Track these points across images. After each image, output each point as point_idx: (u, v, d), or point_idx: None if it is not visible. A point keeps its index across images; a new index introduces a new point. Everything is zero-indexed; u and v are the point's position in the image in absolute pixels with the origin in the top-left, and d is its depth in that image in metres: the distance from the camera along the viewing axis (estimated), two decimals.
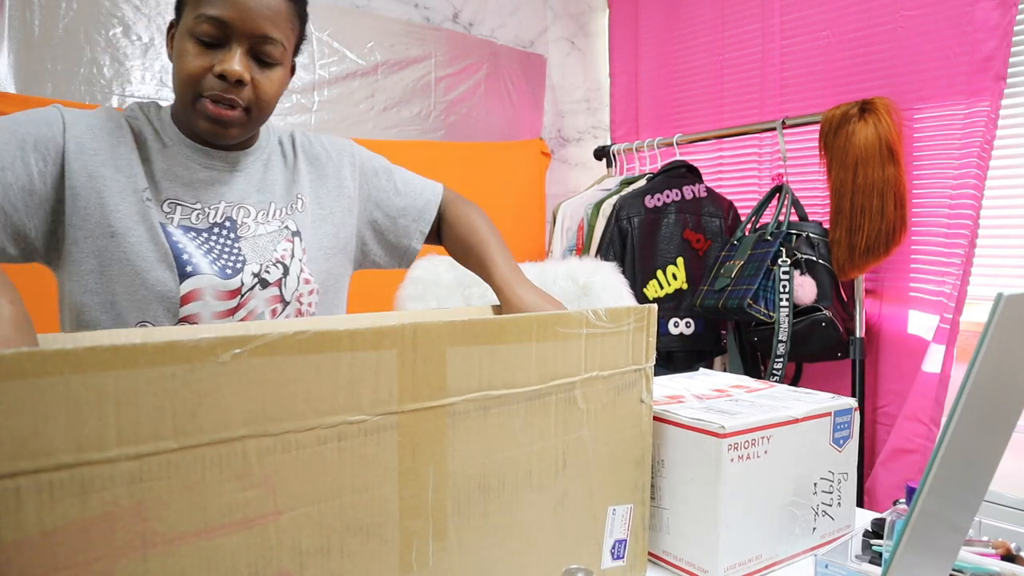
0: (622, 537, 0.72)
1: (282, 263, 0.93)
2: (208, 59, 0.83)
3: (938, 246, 1.75)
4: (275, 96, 0.89)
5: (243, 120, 0.87)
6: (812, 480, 0.80)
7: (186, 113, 0.87)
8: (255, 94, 0.86)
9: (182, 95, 0.86)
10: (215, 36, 0.82)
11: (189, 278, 0.85)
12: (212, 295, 0.87)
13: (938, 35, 1.74)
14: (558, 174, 2.64)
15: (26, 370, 0.37)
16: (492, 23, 2.40)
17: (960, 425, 0.45)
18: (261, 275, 0.91)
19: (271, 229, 0.94)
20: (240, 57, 0.83)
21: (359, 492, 0.51)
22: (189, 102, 0.85)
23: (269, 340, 0.45)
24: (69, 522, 0.39)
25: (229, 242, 0.91)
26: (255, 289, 0.91)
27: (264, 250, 0.93)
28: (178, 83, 0.86)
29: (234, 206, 0.93)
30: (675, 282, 2.08)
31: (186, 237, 0.87)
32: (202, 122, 0.86)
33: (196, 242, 0.88)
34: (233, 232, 0.92)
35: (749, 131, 2.12)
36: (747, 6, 2.22)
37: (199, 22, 0.82)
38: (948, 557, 0.57)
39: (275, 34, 0.85)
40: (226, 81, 0.83)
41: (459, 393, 0.56)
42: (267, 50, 0.85)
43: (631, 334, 0.70)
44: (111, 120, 0.88)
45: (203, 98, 0.84)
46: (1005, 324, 0.44)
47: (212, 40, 0.82)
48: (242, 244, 0.92)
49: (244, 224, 0.93)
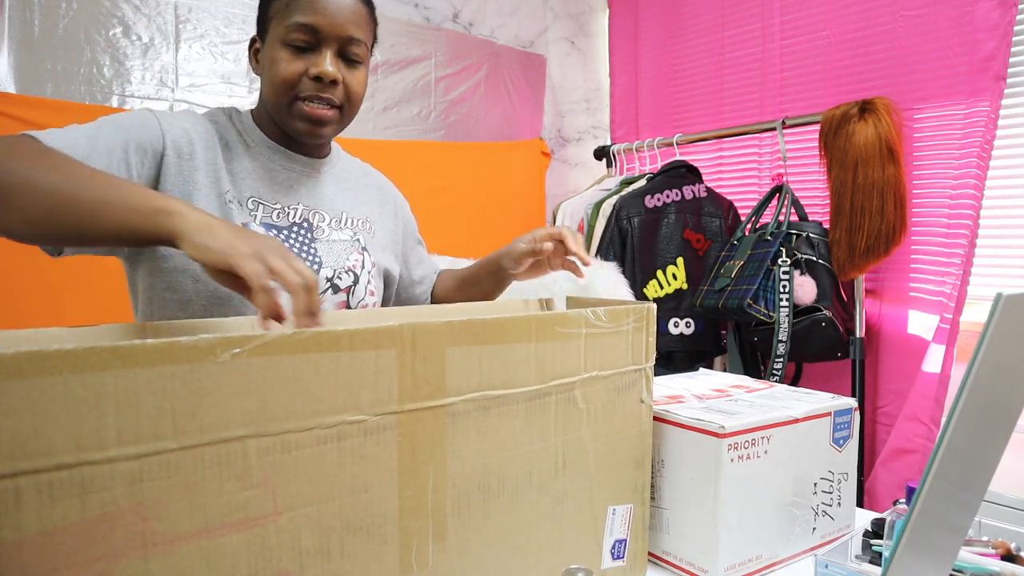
0: (622, 537, 0.72)
1: (353, 272, 0.97)
2: (302, 63, 0.88)
3: (938, 246, 1.74)
4: (362, 94, 0.95)
5: (337, 118, 0.93)
6: (812, 480, 0.80)
7: (280, 116, 0.91)
8: (346, 93, 0.92)
9: (277, 99, 0.90)
10: (307, 41, 0.88)
11: None
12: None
13: (938, 35, 1.74)
14: (558, 174, 2.64)
15: (26, 370, 0.37)
16: (492, 23, 2.40)
17: (960, 425, 0.45)
18: (334, 280, 0.94)
19: (344, 237, 0.98)
20: (331, 58, 0.89)
21: (359, 492, 0.51)
22: (285, 105, 0.90)
23: (268, 340, 0.45)
24: (69, 522, 0.39)
25: (307, 243, 0.94)
26: (327, 293, 0.94)
27: (338, 256, 0.96)
28: (273, 88, 0.90)
29: (311, 210, 0.96)
30: (675, 282, 2.08)
31: (270, 234, 0.89)
32: (300, 123, 0.91)
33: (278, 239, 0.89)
34: (310, 233, 0.95)
35: (749, 131, 2.12)
36: (747, 6, 2.22)
37: (290, 30, 0.87)
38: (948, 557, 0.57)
39: (359, 35, 0.91)
40: (321, 82, 0.88)
41: (459, 393, 0.56)
42: (353, 51, 0.91)
43: (631, 334, 0.70)
44: (199, 124, 0.91)
45: (300, 100, 0.89)
46: (1005, 324, 0.44)
47: (304, 45, 0.88)
48: (318, 246, 0.95)
49: (319, 228, 0.96)
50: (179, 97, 1.68)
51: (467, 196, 2.24)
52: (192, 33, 1.69)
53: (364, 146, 2.02)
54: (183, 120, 0.90)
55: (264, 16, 0.92)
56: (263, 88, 0.94)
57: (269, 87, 0.91)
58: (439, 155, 2.18)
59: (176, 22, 1.67)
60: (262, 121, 0.96)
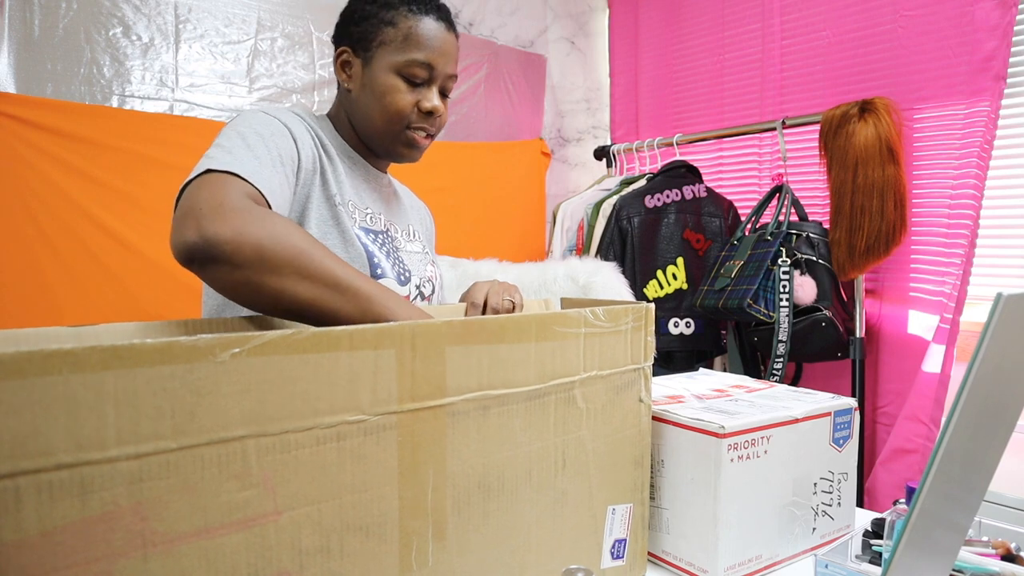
0: (622, 537, 0.72)
1: (432, 283, 1.01)
2: (415, 96, 0.93)
3: (938, 246, 1.74)
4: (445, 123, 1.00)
5: (428, 146, 0.99)
6: (812, 480, 0.80)
7: (383, 139, 0.96)
8: (439, 123, 0.98)
9: (387, 125, 0.94)
10: (423, 78, 0.93)
11: (379, 280, 0.90)
12: None
13: (938, 35, 1.74)
14: (558, 174, 2.63)
15: (25, 370, 0.37)
16: (492, 23, 2.40)
17: (960, 425, 0.45)
18: (421, 288, 0.98)
19: (416, 249, 1.02)
20: (436, 93, 0.96)
21: (359, 492, 0.51)
22: (395, 132, 0.94)
23: (267, 339, 0.45)
24: (69, 522, 0.39)
25: (392, 251, 0.97)
26: (417, 300, 0.96)
27: (420, 266, 1.01)
28: (385, 115, 0.93)
29: (389, 221, 1.01)
30: (675, 282, 2.08)
31: (368, 238, 0.93)
32: (404, 148, 0.96)
33: (376, 244, 0.94)
34: (393, 243, 0.98)
35: (749, 131, 2.12)
36: (747, 6, 2.22)
37: (411, 64, 0.92)
38: (948, 557, 0.57)
39: (456, 71, 0.99)
40: (432, 116, 0.95)
41: (458, 393, 0.56)
42: (449, 85, 0.98)
43: (629, 333, 0.70)
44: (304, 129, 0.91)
45: (410, 130, 0.95)
46: (1005, 324, 0.44)
47: (420, 81, 0.94)
48: (402, 255, 0.98)
49: (397, 239, 1.00)
50: (179, 97, 1.68)
51: (467, 196, 2.23)
52: (192, 33, 1.69)
53: None
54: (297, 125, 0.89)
55: (370, 36, 0.94)
56: (362, 105, 0.95)
57: (379, 112, 0.93)
58: (439, 155, 2.18)
59: (176, 22, 1.67)
60: (344, 131, 0.99)
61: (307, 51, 1.91)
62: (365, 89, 0.94)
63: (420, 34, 0.92)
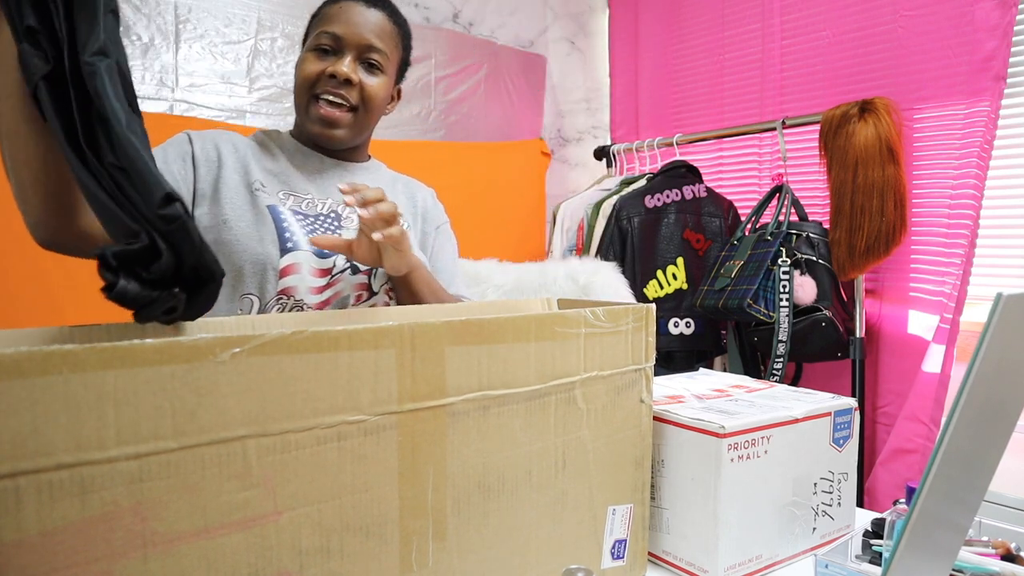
0: (622, 537, 0.72)
1: None
2: (323, 64, 0.98)
3: (938, 246, 1.74)
4: (380, 98, 1.03)
5: (351, 121, 1.01)
6: (812, 480, 0.80)
7: (302, 119, 1.01)
8: (362, 95, 1.00)
9: (299, 99, 1.01)
10: (330, 46, 0.98)
11: (289, 252, 0.95)
12: (308, 271, 0.96)
13: (938, 35, 1.74)
14: (558, 174, 2.63)
15: (25, 370, 0.37)
16: (492, 23, 2.40)
17: (960, 425, 0.45)
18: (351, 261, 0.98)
19: None
20: (349, 62, 0.98)
21: (359, 492, 0.51)
22: (304, 105, 0.99)
23: (268, 339, 0.45)
24: (69, 522, 0.39)
25: (332, 229, 1.00)
26: (345, 273, 0.98)
27: None
28: (296, 89, 1.01)
29: (341, 204, 1.03)
30: (675, 282, 2.08)
31: (293, 218, 0.97)
32: (315, 125, 1.00)
33: (301, 223, 0.98)
34: (337, 222, 1.02)
35: (749, 131, 2.12)
36: (747, 6, 2.22)
37: (318, 38, 0.99)
38: (948, 557, 0.57)
39: (379, 44, 1.00)
40: (336, 79, 0.97)
41: (458, 393, 0.56)
42: (373, 57, 1.00)
43: (630, 334, 0.70)
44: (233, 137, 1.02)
45: (317, 100, 0.98)
46: (1005, 324, 0.44)
47: (328, 49, 0.98)
48: (343, 232, 1.00)
49: (348, 218, 1.02)
50: (179, 97, 1.67)
51: (467, 196, 2.23)
52: (192, 33, 1.69)
53: None
54: (203, 137, 1.00)
55: (305, 36, 1.05)
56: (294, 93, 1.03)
57: (296, 88, 1.01)
58: (439, 155, 2.18)
59: (176, 22, 1.67)
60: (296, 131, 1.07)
61: None
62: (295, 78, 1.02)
63: (331, 12, 1.00)
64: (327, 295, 0.97)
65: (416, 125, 2.18)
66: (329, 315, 0.78)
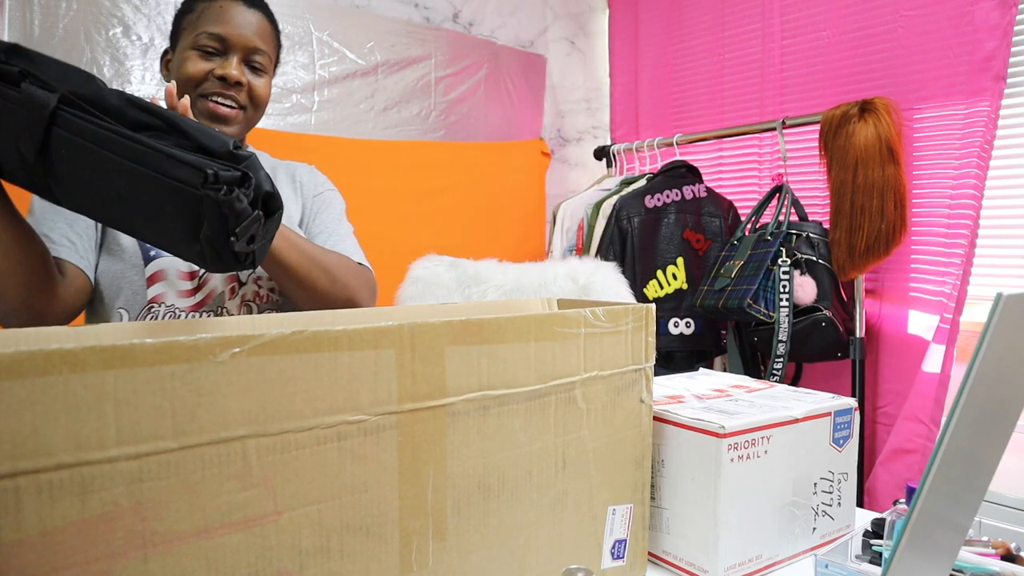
0: (622, 537, 0.72)
1: None
2: (208, 64, 0.98)
3: (938, 246, 1.74)
4: (265, 98, 1.05)
5: (240, 118, 1.02)
6: (812, 480, 0.80)
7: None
8: (250, 95, 1.02)
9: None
10: (215, 48, 0.99)
11: (152, 261, 0.97)
12: (175, 275, 0.98)
13: (938, 35, 1.74)
14: (558, 174, 2.63)
15: (26, 370, 0.37)
16: (492, 23, 2.40)
17: (960, 425, 0.45)
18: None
19: None
20: (236, 64, 1.00)
21: (359, 492, 0.51)
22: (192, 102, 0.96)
23: (267, 339, 0.45)
24: (69, 522, 0.39)
25: None
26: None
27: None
28: (181, 87, 0.98)
29: None
30: (675, 282, 2.08)
31: None
32: (204, 119, 0.98)
33: None
34: None
35: (749, 131, 2.12)
36: (747, 6, 2.22)
37: (200, 37, 0.98)
38: (948, 557, 0.57)
39: (263, 47, 1.02)
40: (226, 82, 0.98)
41: (458, 393, 0.56)
42: (257, 60, 1.02)
43: (630, 334, 0.70)
44: None
45: (205, 98, 0.98)
46: (1005, 324, 0.44)
47: (213, 51, 0.99)
48: None
49: None
50: None
51: (467, 196, 2.23)
52: None
53: (364, 146, 2.02)
54: None
55: (176, 29, 1.03)
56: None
57: (179, 85, 0.98)
58: (439, 155, 2.18)
59: None
60: None
61: (307, 51, 1.91)
62: (173, 73, 1.01)
63: (211, 11, 0.99)
64: (200, 297, 0.99)
65: (416, 125, 2.18)
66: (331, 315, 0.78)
